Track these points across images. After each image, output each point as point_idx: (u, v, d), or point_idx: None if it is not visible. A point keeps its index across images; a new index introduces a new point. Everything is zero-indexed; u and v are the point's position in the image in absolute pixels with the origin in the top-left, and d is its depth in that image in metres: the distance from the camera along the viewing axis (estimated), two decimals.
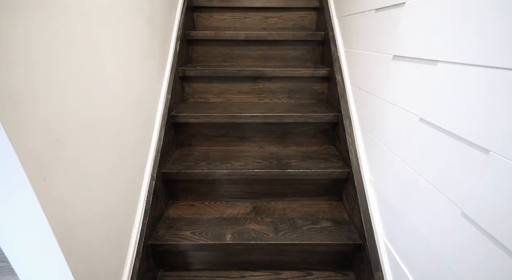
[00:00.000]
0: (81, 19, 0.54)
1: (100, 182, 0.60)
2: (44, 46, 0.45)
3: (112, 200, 0.66)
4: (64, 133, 0.49)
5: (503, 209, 0.39)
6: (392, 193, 0.71)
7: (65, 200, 0.49)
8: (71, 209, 0.51)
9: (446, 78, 0.51)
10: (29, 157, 0.41)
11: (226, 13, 1.45)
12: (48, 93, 0.45)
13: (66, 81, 0.50)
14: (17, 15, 0.40)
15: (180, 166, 0.99)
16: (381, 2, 0.77)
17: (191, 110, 1.12)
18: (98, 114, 0.60)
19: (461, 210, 0.47)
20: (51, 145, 0.46)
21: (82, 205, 0.54)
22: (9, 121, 0.38)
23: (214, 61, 1.39)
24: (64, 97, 0.49)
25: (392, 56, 0.71)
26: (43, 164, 0.44)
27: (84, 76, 0.55)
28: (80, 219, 0.53)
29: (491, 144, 0.41)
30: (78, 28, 0.53)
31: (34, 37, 0.43)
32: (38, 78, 0.43)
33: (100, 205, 0.61)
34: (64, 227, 0.48)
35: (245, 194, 1.03)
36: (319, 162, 1.01)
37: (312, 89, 1.25)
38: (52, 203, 0.46)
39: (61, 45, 0.48)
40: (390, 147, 0.72)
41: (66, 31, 0.50)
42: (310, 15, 1.46)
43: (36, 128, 0.43)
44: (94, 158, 0.58)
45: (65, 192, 0.49)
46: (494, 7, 0.41)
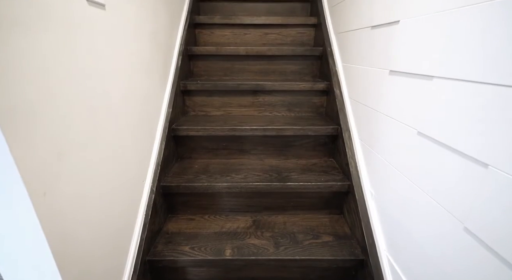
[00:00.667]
0: (86, 36, 0.56)
1: (99, 196, 0.60)
2: (47, 62, 0.46)
3: (110, 215, 0.65)
4: (65, 147, 0.49)
5: (505, 225, 0.39)
6: (393, 207, 0.71)
7: (64, 215, 0.49)
8: (69, 225, 0.50)
9: (441, 93, 0.52)
10: (30, 171, 0.42)
11: (227, 30, 1.50)
12: (51, 107, 0.46)
13: (68, 95, 0.51)
14: (26, 33, 0.41)
15: (180, 179, 0.98)
16: (377, 20, 0.80)
17: (191, 123, 1.13)
18: (100, 127, 0.60)
19: (463, 225, 0.46)
20: (53, 159, 0.46)
21: (80, 220, 0.53)
22: (11, 135, 0.39)
23: (215, 75, 1.42)
24: (66, 112, 0.50)
25: (388, 71, 0.73)
26: (44, 179, 0.44)
27: (87, 90, 0.56)
28: (77, 234, 0.52)
29: (489, 158, 0.41)
30: (82, 45, 0.55)
31: (38, 53, 0.44)
32: (41, 93, 0.45)
33: (98, 220, 0.60)
34: (61, 243, 0.48)
35: (245, 207, 1.02)
36: (319, 175, 1.01)
37: (312, 103, 1.27)
38: (51, 219, 0.45)
39: (64, 61, 0.50)
40: (389, 160, 0.72)
41: (70, 48, 0.51)
42: (309, 31, 1.51)
43: (38, 142, 0.43)
44: (94, 171, 0.58)
45: (64, 207, 0.49)
46: (485, 26, 0.43)
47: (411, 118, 0.62)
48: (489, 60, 0.42)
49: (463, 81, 0.47)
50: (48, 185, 0.45)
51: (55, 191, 0.47)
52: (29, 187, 0.41)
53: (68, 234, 0.50)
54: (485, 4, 0.43)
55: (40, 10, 0.44)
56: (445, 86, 0.51)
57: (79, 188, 0.53)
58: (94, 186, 0.58)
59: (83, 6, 0.54)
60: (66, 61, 0.50)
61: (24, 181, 0.41)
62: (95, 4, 0.58)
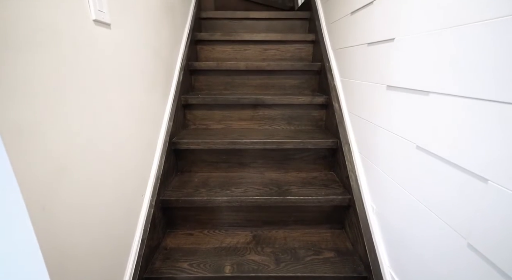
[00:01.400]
0: (91, 54, 0.58)
1: (98, 211, 0.60)
2: (52, 80, 0.47)
3: (109, 230, 0.64)
4: (66, 161, 0.50)
5: (507, 242, 0.38)
6: (395, 221, 0.70)
7: (61, 231, 0.48)
8: (66, 241, 0.49)
9: (438, 108, 0.53)
10: (30, 186, 0.42)
11: (227, 46, 1.54)
12: (53, 123, 0.47)
13: (71, 111, 0.52)
14: (34, 53, 0.43)
15: (180, 193, 0.98)
16: (372, 37, 0.83)
17: (192, 136, 1.14)
18: (101, 142, 0.61)
19: (466, 241, 0.46)
20: (54, 173, 0.46)
21: (78, 235, 0.53)
22: (13, 150, 0.39)
23: (216, 89, 1.45)
24: (68, 127, 0.51)
25: (386, 86, 0.75)
26: (44, 193, 0.44)
27: (89, 105, 0.57)
28: (74, 251, 0.51)
29: (489, 173, 0.41)
30: (87, 63, 0.56)
31: (44, 72, 0.46)
32: (44, 109, 0.45)
33: (97, 235, 0.59)
34: (57, 259, 0.47)
35: (245, 222, 1.01)
36: (320, 189, 1.00)
37: (311, 116, 1.28)
38: (48, 235, 0.45)
39: (69, 78, 0.51)
40: (389, 174, 0.72)
41: (75, 66, 0.53)
42: (307, 47, 1.55)
43: (40, 157, 0.44)
44: (93, 186, 0.58)
45: (62, 222, 0.48)
46: (477, 44, 0.44)
47: (410, 132, 0.63)
48: (483, 77, 0.43)
49: (458, 96, 0.48)
50: (47, 200, 0.45)
51: (54, 206, 0.46)
52: (28, 201, 0.41)
53: (65, 251, 0.49)
54: (477, 24, 0.44)
55: (48, 31, 0.46)
56: (441, 101, 0.52)
57: (78, 204, 0.53)
58: (93, 202, 0.58)
59: (90, 27, 0.56)
60: (71, 78, 0.51)
61: (24, 195, 0.41)
62: (101, 24, 0.61)
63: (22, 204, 0.42)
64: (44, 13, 0.45)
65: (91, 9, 0.57)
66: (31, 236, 0.44)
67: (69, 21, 0.50)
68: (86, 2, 0.56)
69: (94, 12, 0.57)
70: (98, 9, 0.58)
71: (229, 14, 1.68)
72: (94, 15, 0.57)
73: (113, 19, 0.66)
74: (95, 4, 0.57)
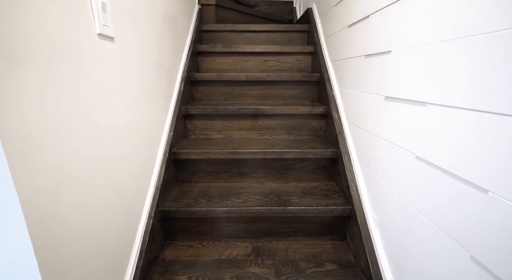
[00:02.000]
0: (95, 67, 0.59)
1: (97, 223, 0.59)
2: (55, 92, 0.48)
3: (107, 242, 0.63)
4: (65, 173, 0.50)
5: (508, 254, 0.38)
6: (396, 232, 0.69)
7: (59, 245, 0.48)
8: (64, 255, 0.49)
9: (436, 119, 0.54)
10: (30, 198, 0.42)
11: (228, 57, 1.57)
12: (55, 135, 0.48)
13: (73, 122, 0.52)
14: (40, 66, 0.44)
15: (180, 203, 0.97)
16: (369, 49, 0.85)
17: (192, 146, 1.14)
18: (102, 152, 0.61)
19: (469, 252, 0.45)
20: (53, 185, 0.46)
21: (76, 248, 0.52)
22: (14, 161, 0.39)
23: (216, 100, 1.46)
24: (70, 138, 0.51)
25: (384, 96, 0.76)
26: (43, 205, 0.44)
27: (92, 116, 0.58)
28: (72, 264, 0.51)
29: (489, 184, 0.42)
30: (91, 75, 0.58)
31: (49, 84, 0.47)
32: (47, 121, 0.46)
33: (95, 248, 0.58)
34: (54, 272, 0.46)
35: (245, 233, 0.99)
36: (320, 199, 1.00)
37: (311, 126, 1.29)
38: (46, 247, 0.44)
39: (73, 90, 0.52)
40: (390, 184, 0.72)
41: (79, 78, 0.54)
42: (306, 59, 1.58)
43: (40, 169, 0.44)
44: (93, 197, 0.58)
45: (60, 235, 0.48)
46: (475, 55, 0.46)
47: (409, 143, 0.63)
48: (480, 89, 0.44)
49: (455, 107, 0.49)
50: (47, 212, 0.45)
51: (53, 219, 0.46)
52: (27, 213, 0.41)
53: (62, 263, 0.48)
54: (471, 38, 0.46)
55: (54, 45, 0.47)
56: (439, 112, 0.53)
57: (76, 216, 0.52)
58: (92, 213, 0.57)
59: (94, 40, 0.58)
60: (74, 90, 0.52)
61: (23, 207, 0.41)
62: (105, 37, 0.62)
63: (21, 216, 0.42)
64: (50, 28, 0.46)
65: (96, 23, 0.58)
66: (29, 249, 0.44)
67: (74, 35, 0.52)
68: (92, 17, 0.57)
69: (99, 27, 0.59)
70: (103, 23, 0.60)
71: (230, 26, 1.73)
72: (99, 29, 0.59)
73: (117, 32, 0.68)
74: (100, 19, 0.59)
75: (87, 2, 0.56)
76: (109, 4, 0.63)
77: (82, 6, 0.55)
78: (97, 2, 0.58)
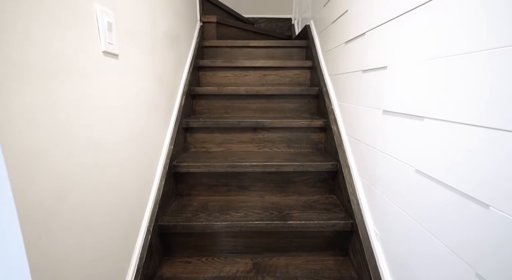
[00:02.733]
0: (99, 82, 0.60)
1: (94, 240, 0.58)
2: (59, 107, 0.49)
3: (105, 259, 0.62)
4: (65, 188, 0.50)
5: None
6: (399, 248, 0.68)
7: (56, 262, 0.47)
8: (60, 272, 0.48)
9: (434, 133, 0.54)
10: (29, 213, 0.41)
11: (228, 72, 1.61)
12: (57, 149, 0.48)
13: (75, 137, 0.53)
14: (48, 83, 0.45)
15: (179, 218, 0.96)
16: (366, 65, 0.87)
17: (192, 159, 1.14)
18: (102, 167, 0.61)
19: (474, 270, 0.44)
20: (52, 201, 0.46)
21: (72, 265, 0.51)
22: (15, 175, 0.39)
23: (216, 113, 1.48)
24: (71, 153, 0.52)
25: (382, 110, 0.77)
26: (42, 221, 0.44)
27: (94, 131, 0.58)
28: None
29: (490, 198, 0.41)
30: (95, 90, 0.59)
31: (54, 100, 0.48)
32: (49, 135, 0.47)
33: (92, 265, 0.57)
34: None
35: (245, 248, 0.97)
36: (321, 213, 0.98)
37: (310, 139, 1.30)
38: (42, 267, 0.43)
39: (76, 106, 0.53)
40: (390, 198, 0.72)
41: (83, 94, 0.55)
42: (305, 73, 1.62)
43: (41, 184, 0.44)
44: (91, 212, 0.57)
45: (57, 252, 0.47)
46: (471, 71, 0.47)
47: (408, 156, 0.63)
48: (477, 104, 0.45)
49: (453, 122, 0.49)
50: (44, 228, 0.44)
51: (51, 235, 0.45)
52: (25, 229, 0.41)
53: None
54: (465, 55, 0.47)
55: (61, 62, 0.48)
56: (436, 126, 0.54)
57: (74, 233, 0.52)
58: (90, 230, 0.57)
59: (99, 58, 0.60)
60: (77, 105, 0.53)
61: (21, 223, 0.40)
62: (110, 54, 0.64)
63: (19, 232, 0.42)
64: (59, 49, 0.48)
65: (102, 41, 0.60)
66: (25, 267, 0.43)
67: (80, 53, 0.54)
68: (97, 36, 0.60)
69: (104, 44, 0.61)
70: (108, 41, 0.62)
71: (230, 42, 1.78)
72: (104, 47, 0.61)
73: (121, 50, 0.70)
74: (106, 37, 0.61)
75: (94, 22, 0.58)
76: (115, 23, 0.66)
77: (89, 26, 0.57)
78: (104, 22, 0.60)
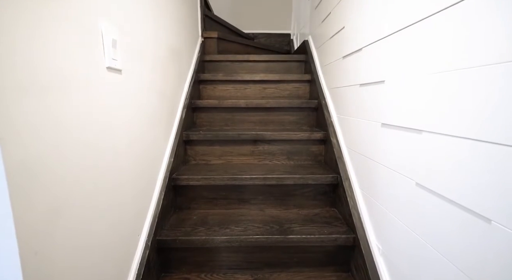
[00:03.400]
0: (102, 97, 0.62)
1: (91, 254, 0.57)
2: (62, 122, 0.50)
3: (100, 276, 0.61)
4: (64, 203, 0.49)
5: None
6: (403, 264, 0.66)
7: (51, 278, 0.46)
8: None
9: (433, 146, 0.55)
10: (26, 229, 0.41)
11: (228, 85, 1.64)
12: (57, 164, 0.48)
13: (76, 151, 0.53)
14: (54, 96, 0.46)
15: (178, 232, 0.94)
16: (364, 79, 0.89)
17: (192, 172, 1.14)
18: (101, 182, 0.61)
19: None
20: (50, 216, 0.46)
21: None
22: (15, 190, 0.39)
23: (217, 125, 1.49)
24: (71, 167, 0.52)
25: (380, 123, 0.78)
26: (38, 236, 0.43)
27: (95, 145, 0.59)
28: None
29: (492, 213, 0.41)
30: (97, 104, 0.60)
31: (58, 113, 0.48)
32: (50, 149, 0.47)
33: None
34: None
35: (245, 264, 0.95)
36: (322, 227, 0.97)
37: (310, 151, 1.30)
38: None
39: (78, 119, 0.54)
40: (392, 211, 0.71)
41: (86, 107, 0.56)
42: (304, 86, 1.65)
43: (39, 199, 0.44)
44: (89, 229, 0.56)
45: (53, 270, 0.46)
46: (467, 85, 0.48)
47: (409, 169, 0.63)
48: (474, 118, 0.45)
49: (451, 136, 0.50)
50: (41, 244, 0.44)
51: (47, 251, 0.45)
52: (22, 245, 0.40)
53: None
54: (463, 70, 0.49)
55: (66, 77, 0.50)
56: (435, 140, 0.54)
57: (71, 248, 0.51)
58: (87, 246, 0.56)
59: (103, 73, 0.61)
60: (80, 119, 0.54)
61: (18, 238, 0.40)
62: (113, 70, 0.66)
63: (15, 248, 0.41)
64: (66, 64, 0.49)
65: (106, 57, 0.62)
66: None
67: (86, 69, 0.55)
68: (102, 52, 0.61)
69: (108, 61, 0.63)
70: (112, 57, 0.64)
71: (231, 57, 1.82)
72: (108, 63, 0.62)
73: (124, 65, 0.72)
74: (110, 53, 0.63)
75: (99, 39, 0.60)
76: (119, 40, 0.68)
77: (95, 43, 0.59)
78: (108, 39, 0.62)
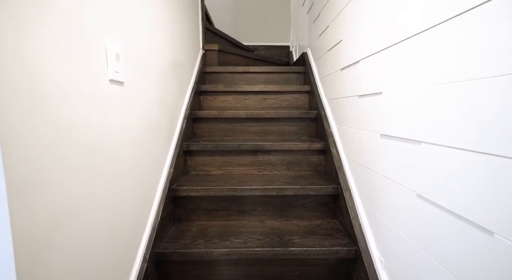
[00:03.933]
0: (104, 108, 0.62)
1: (87, 266, 0.56)
2: (64, 134, 0.50)
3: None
4: (63, 215, 0.49)
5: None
6: (406, 277, 0.65)
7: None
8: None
9: (432, 157, 0.55)
10: (24, 240, 0.40)
11: (229, 96, 1.66)
12: (58, 175, 0.48)
13: (77, 163, 0.53)
14: (58, 109, 0.47)
15: (176, 244, 0.93)
16: (362, 90, 0.90)
17: (192, 183, 1.13)
18: (102, 193, 0.61)
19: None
20: (48, 228, 0.45)
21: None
22: (15, 201, 0.39)
23: (217, 136, 1.50)
24: (69, 179, 0.52)
25: (379, 134, 0.78)
26: (36, 249, 0.43)
27: (97, 156, 0.59)
28: None
29: (494, 225, 0.41)
30: (99, 116, 0.60)
31: (61, 126, 0.49)
32: (52, 162, 0.47)
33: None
34: None
35: (245, 277, 0.93)
36: (324, 239, 0.95)
37: (310, 161, 1.30)
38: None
39: (80, 131, 0.54)
40: (393, 223, 0.70)
41: (88, 120, 0.57)
42: (303, 97, 1.67)
43: (39, 211, 0.44)
44: (87, 241, 0.56)
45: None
46: (466, 98, 0.49)
47: (409, 180, 0.63)
48: (473, 130, 0.46)
49: (449, 147, 0.50)
50: (38, 256, 0.43)
51: (44, 263, 0.44)
52: (19, 256, 0.39)
53: None
54: (459, 83, 0.50)
55: (68, 90, 0.50)
56: (434, 151, 0.54)
57: (69, 261, 0.50)
58: (85, 258, 0.55)
59: (105, 85, 0.62)
60: (82, 131, 0.54)
61: (15, 250, 0.39)
62: (116, 82, 0.67)
63: (12, 259, 0.40)
64: (69, 77, 0.50)
65: (109, 70, 0.64)
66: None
67: (88, 82, 0.56)
68: (105, 65, 0.63)
69: (111, 73, 0.64)
70: (115, 70, 0.65)
71: (231, 68, 1.85)
72: (111, 75, 0.64)
73: (127, 77, 0.73)
74: (113, 66, 0.64)
75: (103, 53, 0.62)
76: (122, 54, 0.70)
77: (98, 56, 0.60)
78: (112, 53, 0.64)
